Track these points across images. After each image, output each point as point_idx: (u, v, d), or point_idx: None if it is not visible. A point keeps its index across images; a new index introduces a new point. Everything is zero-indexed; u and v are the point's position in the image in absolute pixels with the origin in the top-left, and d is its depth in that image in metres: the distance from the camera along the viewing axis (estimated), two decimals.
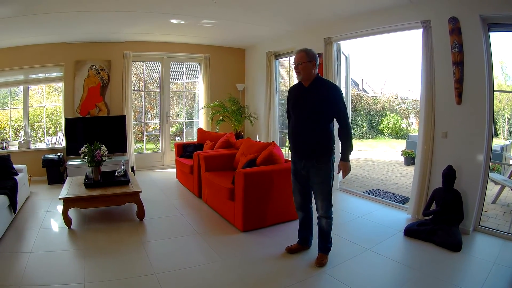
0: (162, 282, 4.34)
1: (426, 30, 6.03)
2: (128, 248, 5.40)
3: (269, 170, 5.90)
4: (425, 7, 6.07)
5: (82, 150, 6.72)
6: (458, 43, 5.61)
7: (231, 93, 11.47)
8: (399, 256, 4.98)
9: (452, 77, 5.74)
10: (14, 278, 4.45)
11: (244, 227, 5.87)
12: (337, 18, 7.64)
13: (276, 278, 4.46)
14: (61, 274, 4.57)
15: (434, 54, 6.01)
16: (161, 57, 11.19)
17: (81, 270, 4.66)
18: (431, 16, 5.97)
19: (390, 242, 5.40)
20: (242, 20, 8.36)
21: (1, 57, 9.50)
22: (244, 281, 4.38)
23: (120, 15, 7.72)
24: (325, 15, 7.61)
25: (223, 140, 8.59)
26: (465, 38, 5.58)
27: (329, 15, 7.57)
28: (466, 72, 5.62)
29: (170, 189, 8.76)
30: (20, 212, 7.00)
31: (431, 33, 6.00)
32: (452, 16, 5.64)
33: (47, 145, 10.27)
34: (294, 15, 7.85)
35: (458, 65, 5.64)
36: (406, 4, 6.29)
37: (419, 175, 6.30)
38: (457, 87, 5.69)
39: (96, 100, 10.25)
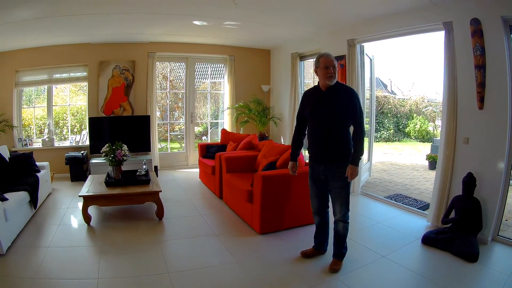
0: (175, 281, 4.34)
1: (448, 32, 5.86)
2: (144, 246, 5.42)
3: (288, 174, 5.64)
4: (447, 8, 5.90)
5: (104, 149, 6.75)
6: (480, 45, 5.41)
7: (256, 94, 11.44)
8: (414, 265, 4.82)
9: (474, 81, 5.53)
10: (30, 271, 4.51)
11: (262, 229, 5.82)
12: (360, 20, 7.53)
13: (288, 282, 4.42)
14: (76, 269, 4.64)
15: (456, 57, 5.82)
16: (186, 58, 11.21)
17: (96, 266, 4.71)
18: (452, 17, 5.79)
19: (407, 250, 5.25)
20: (264, 22, 8.32)
21: (26, 57, 9.70)
22: (256, 284, 4.37)
23: (142, 17, 7.78)
24: (348, 17, 7.52)
25: (246, 142, 8.53)
26: (487, 40, 5.38)
27: (352, 17, 7.47)
28: (488, 76, 5.40)
29: (192, 189, 8.73)
30: (41, 208, 7.08)
31: (453, 35, 5.81)
32: (473, 17, 5.45)
33: (71, 143, 10.39)
34: (316, 17, 7.79)
35: (480, 68, 5.44)
36: (428, 6, 6.13)
37: (440, 181, 6.12)
38: (479, 91, 5.48)
39: (121, 100, 10.32)
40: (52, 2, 6.44)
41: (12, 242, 5.27)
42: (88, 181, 7.06)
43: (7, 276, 4.41)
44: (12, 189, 6.08)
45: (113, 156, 6.64)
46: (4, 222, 5.03)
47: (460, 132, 5.85)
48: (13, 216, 5.40)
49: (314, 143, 4.63)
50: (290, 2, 6.71)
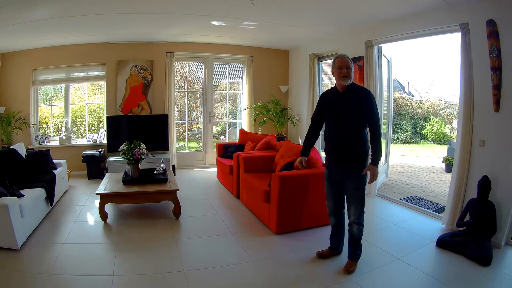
0: (190, 279, 4.33)
1: (465, 34, 5.71)
2: (160, 244, 5.41)
3: (305, 174, 5.72)
4: (463, 9, 5.77)
5: (122, 148, 6.74)
6: (496, 47, 5.25)
7: (274, 94, 11.32)
8: (428, 268, 4.74)
9: (490, 83, 5.37)
10: (45, 267, 4.51)
11: (278, 229, 5.76)
12: (377, 21, 7.43)
13: (303, 282, 4.37)
14: (92, 266, 4.63)
15: (472, 59, 5.67)
16: (204, 58, 11.16)
17: (112, 263, 4.70)
18: (468, 19, 5.66)
19: (421, 252, 5.16)
20: (282, 22, 8.25)
21: (43, 56, 9.74)
22: (271, 284, 4.33)
23: (161, 17, 7.78)
24: (365, 18, 7.42)
25: (264, 142, 8.46)
26: (503, 42, 5.22)
27: (369, 18, 7.38)
28: (504, 78, 5.24)
29: (210, 189, 8.68)
30: (57, 204, 7.09)
31: (469, 37, 5.67)
32: (489, 18, 5.28)
33: (88, 141, 10.43)
34: (334, 18, 7.72)
35: (496, 70, 5.27)
36: (444, 7, 6.00)
37: (455, 184, 5.99)
38: (495, 93, 5.32)
39: (139, 99, 10.30)
40: (70, 2, 6.45)
41: (27, 238, 5.28)
42: (106, 179, 7.06)
43: (22, 272, 4.42)
44: (29, 185, 6.11)
45: (131, 154, 6.62)
46: (19, 218, 5.04)
47: (476, 134, 5.70)
48: (29, 212, 5.40)
49: (331, 144, 4.63)
50: (308, 2, 6.66)
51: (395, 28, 7.18)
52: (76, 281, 4.22)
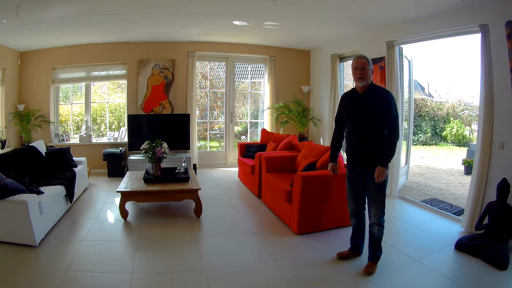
0: (210, 278, 4.29)
1: (484, 35, 5.57)
2: (181, 243, 5.36)
3: (327, 175, 5.51)
4: (483, 10, 5.67)
5: (143, 146, 6.71)
6: None
7: (296, 94, 11.19)
8: (446, 271, 4.66)
9: (510, 85, 5.23)
10: (63, 264, 4.50)
11: (299, 230, 5.70)
12: (398, 21, 7.33)
13: (323, 283, 4.33)
14: (111, 263, 4.63)
15: (492, 60, 5.53)
16: (226, 58, 11.09)
17: (131, 261, 4.69)
18: (488, 20, 5.53)
19: (440, 255, 5.08)
20: (304, 23, 8.18)
21: (63, 54, 9.81)
22: (291, 284, 4.27)
23: (182, 16, 7.77)
24: (386, 18, 7.34)
25: (285, 142, 8.37)
26: None
27: (390, 18, 7.29)
28: None
29: (231, 188, 8.59)
30: (77, 202, 7.09)
31: (489, 38, 5.53)
32: (508, 20, 5.16)
33: (109, 139, 10.43)
34: (356, 18, 7.64)
35: None
36: (464, 8, 5.88)
37: (475, 187, 5.85)
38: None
39: (160, 98, 10.26)
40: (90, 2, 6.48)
41: (45, 235, 5.27)
42: (126, 177, 7.03)
43: (39, 268, 4.39)
44: (48, 183, 6.12)
45: (152, 153, 6.59)
46: (38, 214, 5.04)
47: (496, 137, 5.56)
48: (48, 209, 5.40)
49: (351, 145, 4.60)
50: (330, 2, 6.62)
51: (416, 29, 7.08)
52: (95, 278, 4.21)
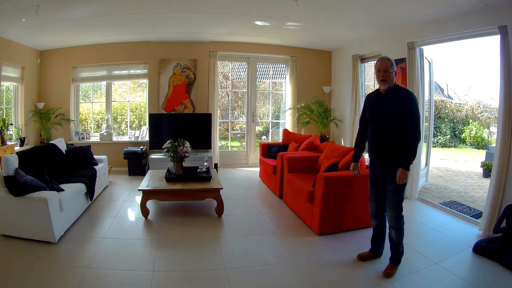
0: (231, 278, 4.27)
1: (503, 36, 5.48)
2: (202, 242, 5.35)
3: (349, 176, 5.48)
4: (502, 12, 5.60)
5: (166, 145, 6.67)
6: None
7: (317, 95, 11.12)
8: (464, 273, 4.63)
9: None
10: (82, 261, 4.52)
11: (320, 230, 5.66)
12: (418, 22, 7.28)
13: (342, 284, 4.28)
14: (131, 261, 4.64)
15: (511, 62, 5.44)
16: (248, 58, 11.04)
17: (152, 259, 4.68)
18: (507, 21, 5.46)
19: (458, 257, 5.02)
20: (325, 23, 8.14)
21: (83, 53, 9.89)
22: (311, 285, 4.25)
23: (204, 16, 7.78)
24: (407, 20, 7.29)
25: (307, 143, 8.29)
26: None
27: (411, 20, 7.25)
28: None
29: (252, 188, 8.55)
30: (97, 200, 7.10)
31: (508, 39, 5.44)
32: None
33: (130, 138, 10.45)
34: (377, 19, 7.59)
35: None
36: (484, 10, 5.83)
37: (493, 189, 5.77)
38: None
39: (182, 98, 10.25)
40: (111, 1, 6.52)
41: (65, 232, 5.29)
42: (148, 176, 7.01)
43: (58, 265, 4.43)
44: (69, 180, 6.15)
45: (175, 152, 6.55)
46: (58, 212, 5.06)
47: None
48: (68, 206, 5.41)
49: (373, 146, 4.56)
50: (351, 4, 6.59)
51: (436, 30, 7.01)
52: (115, 276, 4.21)
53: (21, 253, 4.64)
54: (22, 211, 4.91)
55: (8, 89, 9.05)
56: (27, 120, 9.15)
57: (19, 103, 9.11)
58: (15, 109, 9.13)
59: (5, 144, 7.68)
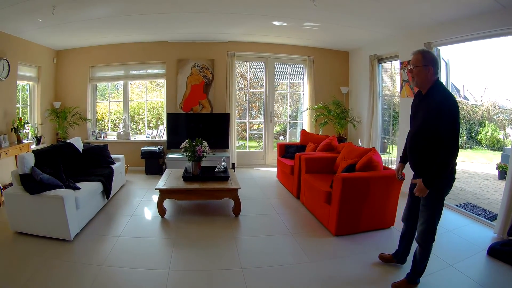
0: (247, 277, 4.29)
1: None
2: (219, 241, 5.37)
3: (367, 177, 5.58)
4: None
5: (183, 145, 6.69)
6: None
7: (335, 95, 11.07)
8: (477, 276, 4.55)
9: None
10: (97, 259, 4.56)
11: (337, 231, 5.63)
12: (435, 23, 7.20)
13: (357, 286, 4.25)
14: (147, 259, 4.68)
15: None
16: (265, 58, 11.02)
17: (168, 258, 4.70)
18: None
19: (472, 260, 4.95)
20: (343, 24, 8.12)
21: (101, 53, 9.97)
22: (326, 285, 4.23)
23: (222, 16, 7.80)
24: (424, 20, 7.22)
25: (325, 143, 8.24)
26: None
27: (428, 20, 7.17)
28: None
29: (269, 188, 8.51)
30: (114, 198, 7.14)
31: None
32: None
33: (147, 137, 10.48)
34: (393, 20, 7.54)
35: None
36: (500, 10, 5.73)
37: (509, 192, 5.66)
38: None
39: (200, 97, 10.26)
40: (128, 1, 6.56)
41: (81, 230, 5.36)
42: (165, 175, 7.03)
43: (73, 262, 4.49)
44: (85, 179, 6.21)
45: (192, 152, 6.56)
46: (74, 210, 5.11)
47: None
48: (84, 204, 5.47)
49: (409, 149, 4.21)
50: (368, 4, 6.54)
51: (452, 31, 6.93)
52: (130, 274, 4.25)
53: (36, 250, 4.68)
54: (38, 209, 4.96)
55: (24, 88, 9.12)
56: (43, 119, 9.24)
57: (36, 102, 9.21)
58: (31, 108, 9.22)
59: (21, 142, 7.72)
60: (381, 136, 9.83)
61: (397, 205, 5.94)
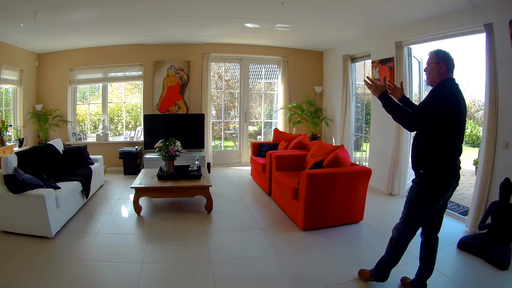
0: (215, 269, 4.48)
1: (489, 34, 5.59)
2: (190, 236, 5.58)
3: (333, 173, 5.79)
4: (487, 10, 5.70)
5: (157, 144, 6.91)
6: None
7: (309, 95, 11.35)
8: (447, 269, 4.64)
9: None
10: (76, 254, 4.76)
11: (305, 226, 5.84)
12: (406, 22, 7.41)
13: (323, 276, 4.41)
14: (122, 254, 4.86)
15: (496, 59, 5.55)
16: (240, 59, 11.26)
17: (142, 253, 4.90)
18: (493, 19, 5.56)
19: (442, 253, 4.67)
20: (315, 24, 8.31)
21: (80, 56, 10.15)
22: (293, 277, 4.43)
23: (196, 19, 8.01)
24: (395, 20, 7.42)
25: (296, 141, 8.51)
26: None
27: (399, 20, 7.37)
28: None
29: (243, 186, 8.75)
30: (93, 198, 7.34)
31: (494, 37, 5.55)
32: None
33: (125, 138, 10.69)
34: (365, 20, 7.74)
35: None
36: (469, 8, 5.95)
37: (479, 186, 5.88)
38: None
39: (176, 98, 10.49)
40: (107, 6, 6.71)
41: (61, 227, 5.54)
42: (141, 174, 7.27)
43: (54, 257, 4.67)
44: (65, 179, 6.40)
45: (166, 151, 6.79)
46: (55, 208, 5.31)
47: (501, 136, 5.56)
48: (64, 203, 5.67)
49: None
50: (339, 5, 6.73)
51: (423, 30, 7.14)
52: (106, 267, 4.44)
53: (19, 248, 4.87)
54: (21, 207, 5.15)
55: (7, 92, 9.28)
56: (25, 122, 9.41)
57: (18, 105, 9.37)
58: (14, 111, 9.37)
59: (5, 145, 7.93)
60: (354, 134, 10.12)
61: (365, 200, 6.15)
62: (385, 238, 5.09)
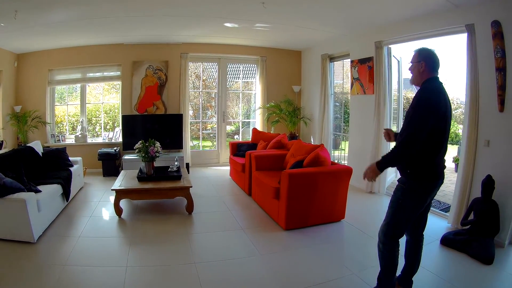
0: (200, 271, 4.50)
1: (470, 34, 5.72)
2: (173, 238, 5.59)
3: (313, 172, 5.88)
4: (469, 10, 5.79)
5: (137, 146, 6.89)
6: (500, 48, 5.24)
7: (287, 94, 11.42)
8: (431, 265, 4.70)
9: (495, 84, 5.34)
10: (60, 259, 4.72)
11: (287, 225, 5.91)
12: (386, 22, 7.50)
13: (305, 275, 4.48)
14: (106, 258, 4.84)
15: (478, 59, 5.66)
16: (218, 59, 11.29)
17: (125, 256, 4.90)
18: (474, 20, 5.66)
19: (426, 249, 4.22)
20: (294, 24, 8.37)
21: (59, 56, 10.03)
22: (277, 276, 4.50)
23: (175, 19, 8.00)
24: (375, 20, 7.51)
25: (275, 141, 8.55)
26: (507, 42, 5.20)
27: (379, 20, 7.47)
28: (509, 79, 5.21)
29: (222, 186, 8.80)
30: (73, 200, 7.29)
31: (475, 38, 5.67)
32: (494, 19, 5.28)
33: (104, 139, 10.63)
34: (345, 20, 7.81)
35: (501, 71, 5.25)
36: (451, 8, 6.03)
37: (461, 183, 6.04)
38: (500, 94, 5.29)
39: (154, 99, 10.46)
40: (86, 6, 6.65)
41: (43, 232, 5.49)
42: (121, 176, 7.23)
43: (38, 263, 4.61)
44: (45, 182, 6.32)
45: (146, 152, 6.78)
46: (36, 212, 5.24)
47: (481, 134, 5.69)
48: (46, 207, 5.61)
49: None
50: (319, 4, 6.75)
51: (404, 29, 7.22)
52: (90, 272, 4.41)
53: (1, 253, 4.79)
54: (2, 212, 5.07)
55: None
56: (4, 124, 9.27)
57: None
58: None
59: None
60: (333, 132, 10.24)
61: (346, 199, 6.25)
62: (366, 236, 5.28)
